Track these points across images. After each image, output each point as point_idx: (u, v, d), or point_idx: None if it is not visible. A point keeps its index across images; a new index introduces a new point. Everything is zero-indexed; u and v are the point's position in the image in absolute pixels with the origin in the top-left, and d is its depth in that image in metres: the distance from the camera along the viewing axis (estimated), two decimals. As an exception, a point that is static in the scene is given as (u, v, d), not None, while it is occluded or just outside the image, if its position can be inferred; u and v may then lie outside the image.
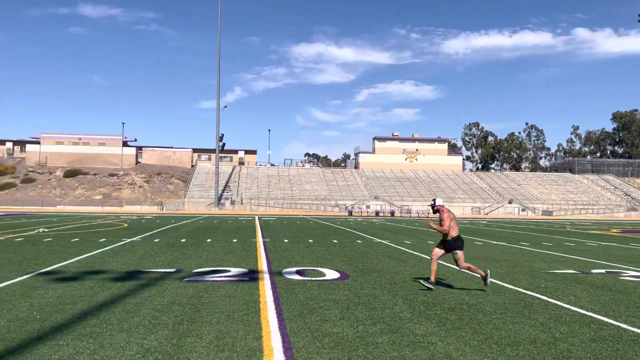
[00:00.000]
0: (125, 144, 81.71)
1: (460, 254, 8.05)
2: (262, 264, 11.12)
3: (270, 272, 9.88)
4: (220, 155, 70.69)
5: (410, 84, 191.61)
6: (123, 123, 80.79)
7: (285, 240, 17.72)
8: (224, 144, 69.09)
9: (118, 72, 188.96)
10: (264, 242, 16.74)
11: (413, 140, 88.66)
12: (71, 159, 77.67)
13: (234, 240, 17.32)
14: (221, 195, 66.95)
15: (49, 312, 6.21)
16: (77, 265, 10.53)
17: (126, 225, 26.42)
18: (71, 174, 73.76)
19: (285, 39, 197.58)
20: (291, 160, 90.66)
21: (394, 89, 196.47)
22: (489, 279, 8.14)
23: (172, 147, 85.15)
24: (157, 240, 17.10)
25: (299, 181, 76.12)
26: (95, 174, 74.41)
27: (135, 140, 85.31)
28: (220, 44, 65.46)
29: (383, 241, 18.16)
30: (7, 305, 6.56)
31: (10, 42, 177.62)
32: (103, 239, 16.92)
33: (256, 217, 41.51)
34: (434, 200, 8.55)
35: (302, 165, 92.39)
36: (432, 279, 8.15)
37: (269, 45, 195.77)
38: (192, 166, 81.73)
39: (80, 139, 79.45)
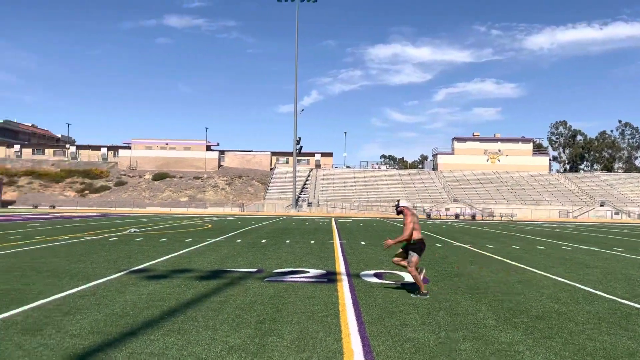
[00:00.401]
0: (208, 148, 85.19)
1: (415, 257, 7.56)
2: (340, 266, 11.16)
3: (348, 275, 9.89)
4: (297, 158, 71.92)
5: (491, 82, 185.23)
6: (206, 128, 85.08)
7: (362, 243, 17.68)
8: (301, 147, 70.20)
9: (201, 79, 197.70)
10: (341, 244, 16.79)
11: (495, 140, 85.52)
12: (159, 162, 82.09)
13: (312, 242, 17.52)
14: (298, 197, 68.05)
15: (141, 308, 6.58)
16: (165, 264, 11.09)
17: (210, 226, 27.50)
18: (159, 177, 77.97)
19: (361, 41, 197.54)
20: (367, 162, 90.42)
21: (474, 88, 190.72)
22: (420, 296, 7.57)
23: (252, 151, 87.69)
24: (239, 240, 17.66)
25: (375, 183, 75.75)
26: (181, 177, 78.17)
27: (218, 144, 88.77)
28: (298, 49, 66.59)
29: (464, 245, 17.63)
30: (104, 300, 7.03)
31: (104, 55, 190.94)
32: (189, 239, 17.71)
33: (332, 219, 41.77)
34: (398, 201, 8.10)
35: (378, 167, 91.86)
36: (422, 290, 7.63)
37: (345, 48, 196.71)
38: (271, 169, 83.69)
39: (167, 144, 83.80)
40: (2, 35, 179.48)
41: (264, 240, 17.84)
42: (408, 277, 9.57)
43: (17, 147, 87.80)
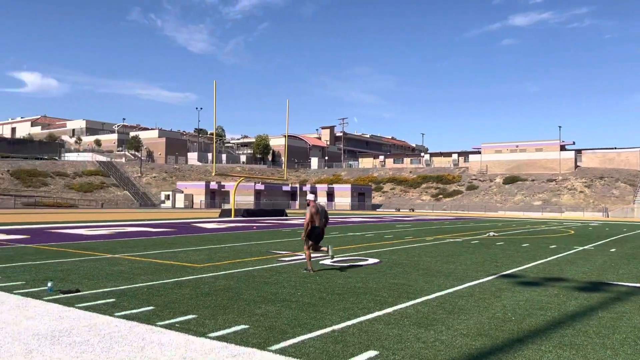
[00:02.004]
0: (562, 148, 79.16)
1: (310, 242, 9.67)
2: None
3: None
4: (679, 153, 59.52)
5: None
6: (559, 127, 79.23)
7: None
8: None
9: (551, 75, 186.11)
10: None
11: None
12: (509, 166, 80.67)
13: None
14: (683, 200, 56.16)
15: (522, 315, 6.37)
16: (534, 270, 10.61)
17: (572, 232, 25.28)
18: (510, 180, 76.61)
19: None
20: None
21: None
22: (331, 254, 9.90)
23: (615, 148, 77.21)
24: (612, 250, 15.57)
25: None
26: (533, 180, 74.95)
27: (574, 143, 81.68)
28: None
29: None
30: (483, 303, 7.11)
31: (451, 66, 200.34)
32: (553, 246, 16.60)
33: None
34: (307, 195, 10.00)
35: None
36: (309, 267, 9.64)
37: None
38: (642, 168, 71.76)
39: (517, 146, 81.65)
40: (366, 63, 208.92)
41: (646, 251, 15.23)
42: None
43: (381, 157, 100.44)
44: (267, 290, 7.77)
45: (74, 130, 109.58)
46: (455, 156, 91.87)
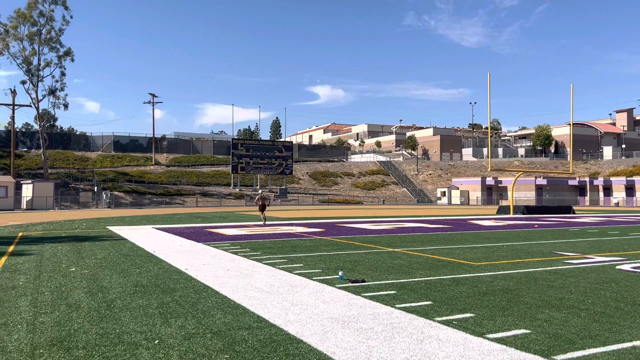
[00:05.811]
0: None
1: (262, 213, 22.94)
2: None
3: None
4: None
5: None
6: None
7: None
8: None
9: None
10: None
11: None
12: None
13: None
14: None
15: None
16: None
17: None
18: None
19: None
20: None
21: None
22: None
23: None
24: None
25: None
26: None
27: None
28: None
29: None
30: None
31: None
32: None
33: None
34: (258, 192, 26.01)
35: None
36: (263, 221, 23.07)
37: None
38: None
39: None
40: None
41: None
42: None
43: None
44: (552, 295, 7.17)
45: (357, 134, 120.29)
46: None
